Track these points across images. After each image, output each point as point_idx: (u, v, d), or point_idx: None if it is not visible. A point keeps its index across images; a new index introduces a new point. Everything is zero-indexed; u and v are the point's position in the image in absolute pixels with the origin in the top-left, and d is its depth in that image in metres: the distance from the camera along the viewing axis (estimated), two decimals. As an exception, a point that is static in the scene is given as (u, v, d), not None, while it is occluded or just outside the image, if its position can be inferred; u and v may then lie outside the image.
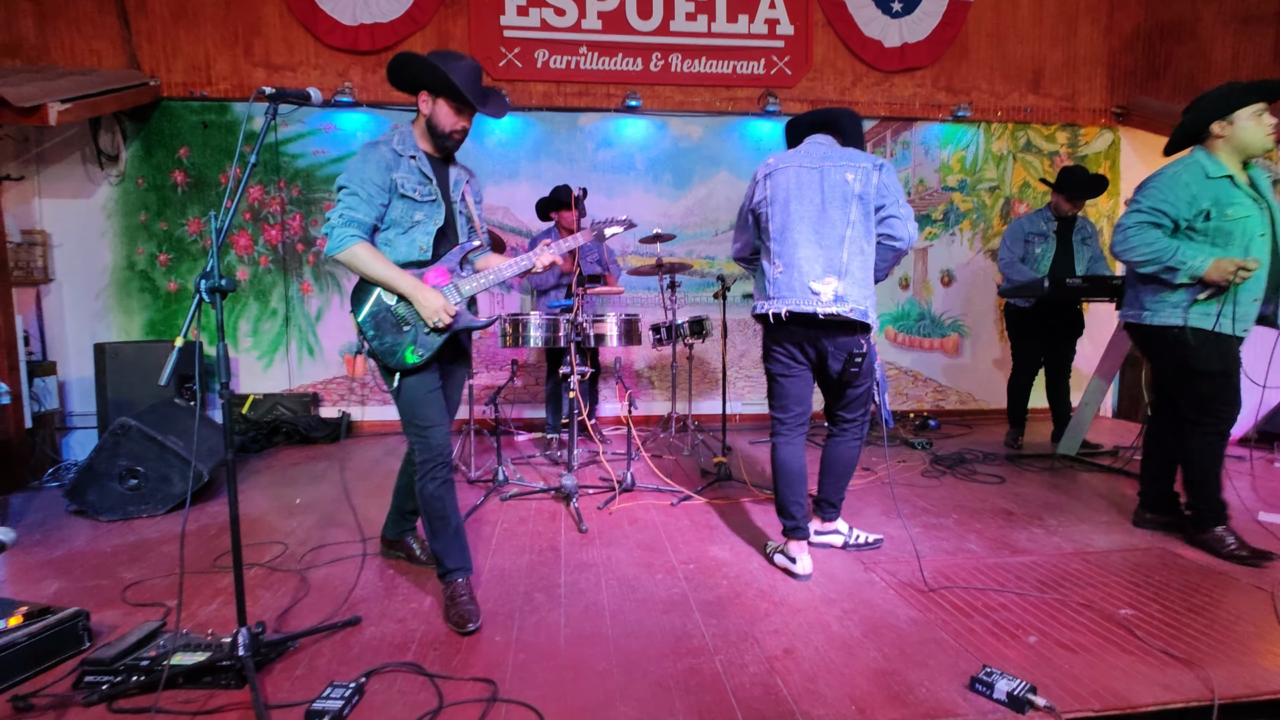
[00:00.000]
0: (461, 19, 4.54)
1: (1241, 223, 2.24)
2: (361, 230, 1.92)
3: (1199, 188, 2.30)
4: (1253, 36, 5.33)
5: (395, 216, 1.97)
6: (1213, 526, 2.46)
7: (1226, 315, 2.28)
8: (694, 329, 3.77)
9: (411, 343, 1.96)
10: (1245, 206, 2.24)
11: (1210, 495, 2.46)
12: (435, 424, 1.99)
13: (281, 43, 4.46)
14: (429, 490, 1.99)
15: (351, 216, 1.91)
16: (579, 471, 3.42)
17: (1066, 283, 3.53)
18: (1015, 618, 1.97)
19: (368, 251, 1.92)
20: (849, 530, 2.53)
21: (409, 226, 1.98)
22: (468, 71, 1.95)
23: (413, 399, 1.99)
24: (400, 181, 1.95)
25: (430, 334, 1.97)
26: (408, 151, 1.99)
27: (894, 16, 4.79)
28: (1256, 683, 1.63)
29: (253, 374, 4.65)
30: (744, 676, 1.68)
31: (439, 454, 1.99)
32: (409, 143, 2.01)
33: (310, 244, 4.63)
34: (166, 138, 4.45)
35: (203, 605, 2.11)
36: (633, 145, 4.81)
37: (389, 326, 1.97)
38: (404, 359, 1.96)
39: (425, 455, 1.98)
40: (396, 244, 1.98)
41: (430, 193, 2.00)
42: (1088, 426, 3.82)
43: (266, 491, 3.35)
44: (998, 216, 5.17)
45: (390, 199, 1.95)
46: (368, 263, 1.92)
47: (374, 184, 1.92)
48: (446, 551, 2.02)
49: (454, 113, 1.97)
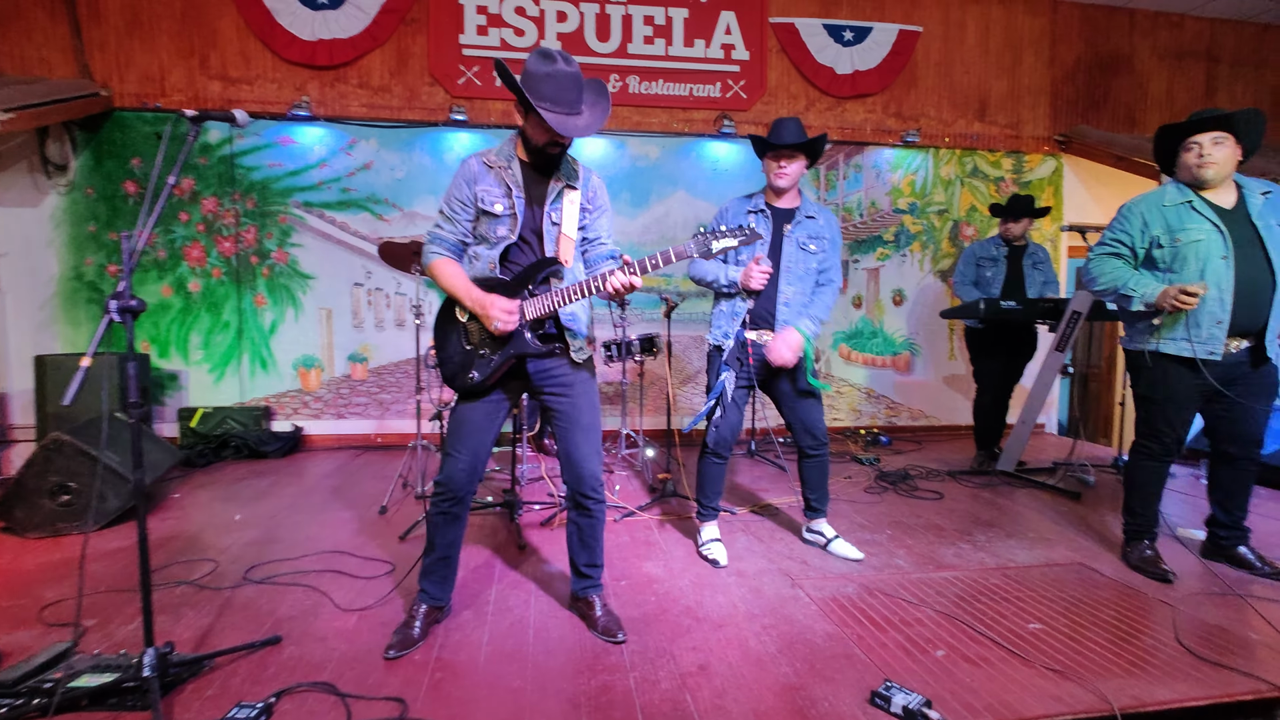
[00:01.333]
0: (421, 37, 4.59)
1: (1194, 246, 2.29)
2: (444, 247, 1.92)
3: (1151, 215, 2.39)
4: (1185, 70, 5.62)
5: (482, 231, 1.92)
6: (1134, 540, 2.57)
7: (1191, 339, 2.33)
8: (645, 346, 3.82)
9: (469, 363, 1.92)
10: (1199, 230, 2.29)
11: (1134, 510, 2.57)
12: (459, 454, 1.93)
13: (238, 56, 4.45)
14: (430, 513, 1.99)
15: (436, 234, 1.93)
16: (525, 488, 3.43)
17: (1001, 305, 3.67)
18: (928, 632, 2.03)
19: (446, 266, 1.90)
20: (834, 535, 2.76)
21: (495, 242, 1.90)
22: (560, 84, 1.76)
23: (455, 421, 1.96)
24: (482, 195, 1.88)
25: (489, 358, 1.90)
26: (501, 161, 1.91)
27: (845, 45, 4.95)
28: (1143, 694, 1.71)
29: (203, 387, 4.58)
30: (655, 693, 1.71)
31: (449, 483, 1.94)
32: (508, 150, 1.93)
33: (265, 256, 4.60)
34: (118, 148, 4.40)
35: (123, 624, 2.08)
36: (591, 163, 4.88)
37: (453, 342, 1.95)
38: (457, 378, 1.93)
39: (438, 478, 1.96)
40: (481, 260, 1.92)
41: (510, 205, 1.89)
42: (1025, 443, 3.94)
43: (207, 507, 3.31)
44: (946, 238, 5.33)
45: (476, 213, 1.91)
46: (441, 277, 1.90)
47: (457, 200, 1.90)
48: (425, 574, 2.02)
49: (542, 129, 1.80)
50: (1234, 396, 2.34)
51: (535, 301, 1.87)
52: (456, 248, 1.94)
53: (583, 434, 1.99)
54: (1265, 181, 2.39)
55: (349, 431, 4.74)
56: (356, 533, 2.92)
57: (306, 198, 4.62)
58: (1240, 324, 2.29)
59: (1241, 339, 2.33)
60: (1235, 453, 2.47)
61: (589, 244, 2.04)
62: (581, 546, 2.08)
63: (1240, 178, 2.38)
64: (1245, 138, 2.31)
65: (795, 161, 2.52)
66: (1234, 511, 2.54)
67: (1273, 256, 2.27)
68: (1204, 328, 2.30)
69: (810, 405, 2.61)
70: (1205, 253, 2.27)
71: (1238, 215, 2.31)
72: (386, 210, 4.69)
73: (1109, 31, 5.44)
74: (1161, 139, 2.46)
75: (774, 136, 2.51)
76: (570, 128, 1.79)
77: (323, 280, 4.67)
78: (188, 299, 4.54)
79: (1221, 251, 2.27)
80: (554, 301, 1.85)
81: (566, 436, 1.99)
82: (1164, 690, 1.72)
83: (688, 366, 5.09)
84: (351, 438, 4.73)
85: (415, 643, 1.91)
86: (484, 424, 1.96)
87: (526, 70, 1.79)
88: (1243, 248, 2.28)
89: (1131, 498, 2.57)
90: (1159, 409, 2.45)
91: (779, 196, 2.60)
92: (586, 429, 2.00)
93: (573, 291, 1.83)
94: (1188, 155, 2.34)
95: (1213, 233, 2.28)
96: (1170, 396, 2.41)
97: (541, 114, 1.75)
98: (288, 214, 4.60)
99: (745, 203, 2.63)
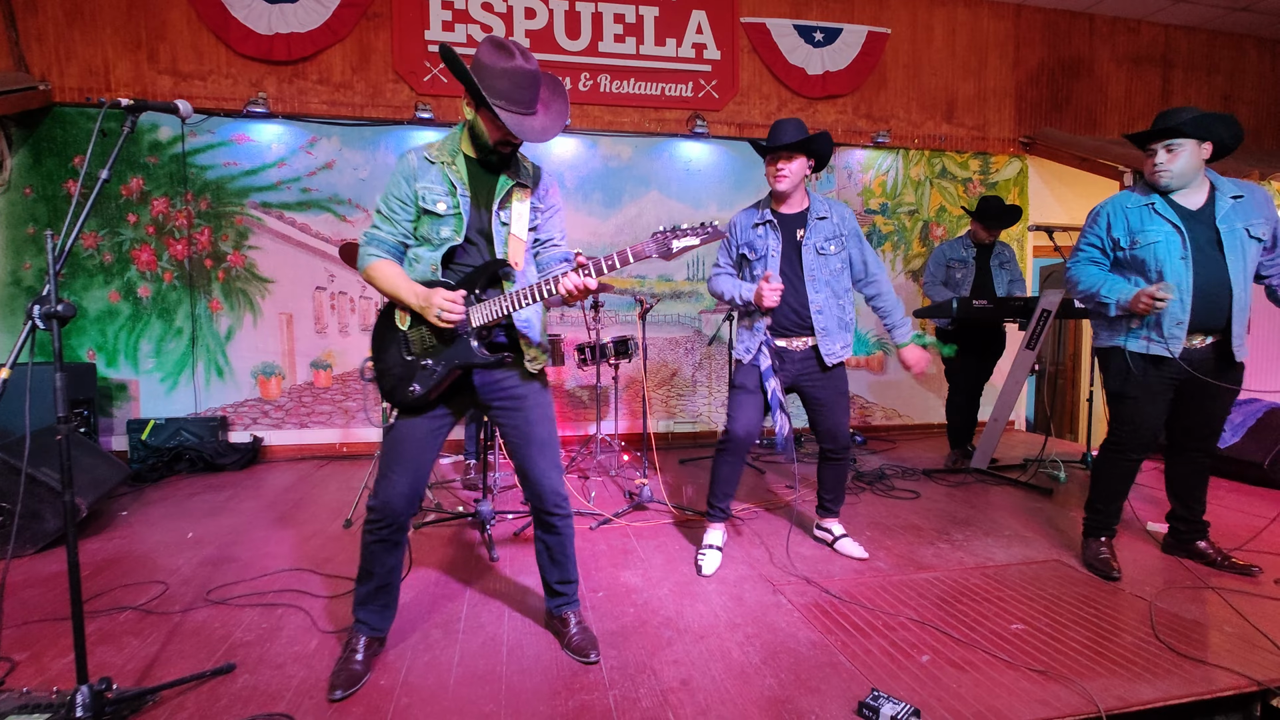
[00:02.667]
0: (384, 32, 4.45)
1: (1151, 248, 2.32)
2: (383, 248, 1.77)
3: (1116, 217, 2.42)
4: (1143, 75, 5.78)
5: (424, 232, 1.78)
6: (1092, 536, 2.59)
7: (1151, 339, 2.36)
8: (619, 349, 3.75)
9: (409, 375, 1.77)
10: (1157, 232, 2.32)
11: (1096, 506, 2.58)
12: (397, 476, 1.77)
13: (190, 50, 4.25)
14: (364, 540, 1.81)
15: (373, 235, 1.78)
16: (499, 497, 3.33)
17: (973, 304, 3.69)
18: (912, 636, 2.00)
19: (385, 268, 1.75)
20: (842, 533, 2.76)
21: (438, 244, 1.76)
22: (514, 82, 1.63)
23: (393, 439, 1.80)
24: (422, 193, 1.74)
25: (432, 369, 1.75)
26: (444, 156, 1.77)
27: (816, 45, 4.96)
28: (1128, 694, 1.70)
29: (155, 397, 4.35)
30: (635, 712, 1.63)
31: (385, 509, 1.77)
32: (451, 145, 1.79)
33: (220, 259, 4.40)
34: (59, 145, 4.16)
35: (58, 657, 1.92)
36: (562, 164, 4.79)
37: (391, 353, 1.80)
38: (396, 391, 1.78)
39: (371, 503, 1.80)
40: (422, 262, 1.78)
41: (455, 204, 1.75)
42: (997, 441, 3.97)
43: (157, 525, 3.12)
44: (917, 239, 5.38)
45: (417, 212, 1.77)
46: (380, 278, 1.75)
47: (396, 198, 1.76)
48: (362, 603, 1.85)
49: (493, 126, 1.69)
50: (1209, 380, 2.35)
51: (483, 307, 1.73)
52: (396, 249, 1.79)
53: (538, 449, 1.87)
54: (1243, 184, 2.40)
55: (312, 441, 4.55)
56: (320, 548, 2.78)
57: (264, 198, 4.43)
58: (1200, 323, 2.32)
59: (1206, 335, 2.36)
60: (1191, 446, 2.51)
61: (541, 245, 1.91)
62: (552, 564, 1.98)
63: (1216, 178, 2.39)
64: (1209, 137, 2.33)
65: (793, 162, 2.43)
66: (1192, 505, 2.58)
67: (1229, 260, 2.30)
68: (1165, 327, 2.33)
69: (838, 412, 2.59)
70: (1163, 254, 2.31)
71: (1203, 216, 2.34)
72: (350, 211, 4.52)
73: (1070, 36, 5.56)
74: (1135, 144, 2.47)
75: (770, 138, 2.46)
76: (527, 130, 1.66)
77: (282, 284, 4.48)
78: (137, 305, 4.31)
79: (1180, 253, 2.30)
80: (503, 307, 1.72)
81: (521, 453, 1.87)
82: (1148, 689, 1.71)
83: (663, 369, 5.03)
84: (315, 447, 4.55)
85: (362, 678, 1.75)
86: (425, 443, 1.80)
87: (480, 62, 1.66)
88: (1202, 249, 2.31)
89: (1096, 493, 2.59)
90: (1131, 405, 2.47)
91: (783, 202, 2.52)
92: (543, 444, 1.88)
93: (523, 295, 1.70)
94: (1148, 161, 2.39)
95: (1171, 234, 2.31)
96: (1142, 392, 2.43)
97: (497, 113, 1.63)
98: (244, 215, 4.41)
99: (752, 214, 2.57)
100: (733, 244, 2.60)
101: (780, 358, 2.52)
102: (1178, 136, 2.30)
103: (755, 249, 2.54)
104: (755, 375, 2.52)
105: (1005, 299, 3.81)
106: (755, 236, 2.54)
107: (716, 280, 2.63)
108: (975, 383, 4.18)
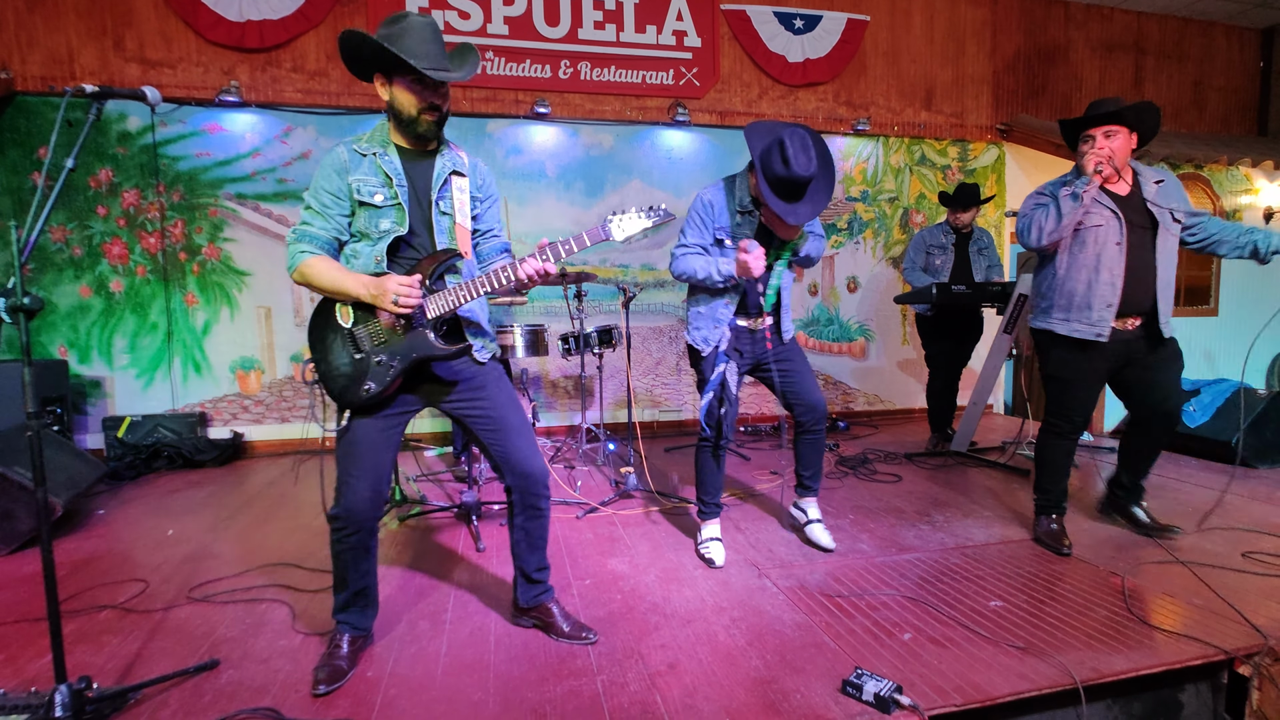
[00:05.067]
0: (360, 18, 4.36)
1: (1094, 231, 2.40)
2: (316, 245, 1.70)
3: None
4: (1116, 62, 5.86)
5: (361, 226, 1.72)
6: (1040, 515, 2.66)
7: (1080, 320, 2.44)
8: (603, 339, 3.74)
9: (362, 374, 1.70)
10: (1099, 216, 2.40)
11: (1044, 487, 2.65)
12: (357, 480, 1.71)
13: (158, 36, 4.13)
14: (333, 547, 1.77)
15: (304, 231, 1.70)
16: (484, 487, 3.32)
17: (952, 289, 3.73)
18: (894, 616, 2.04)
19: (320, 263, 1.68)
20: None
21: (378, 237, 1.71)
22: (420, 35, 1.62)
23: (348, 443, 1.73)
24: (357, 185, 1.69)
25: (387, 365, 1.69)
26: (374, 148, 1.72)
27: (796, 33, 4.95)
28: (1102, 666, 1.74)
29: (130, 394, 4.27)
30: (624, 696, 1.65)
31: (350, 515, 1.72)
32: (381, 136, 1.75)
33: (195, 252, 4.31)
34: (22, 136, 4.03)
35: (35, 657, 1.89)
36: (543, 152, 4.75)
37: (336, 352, 1.72)
38: (348, 392, 1.70)
39: (334, 510, 1.74)
40: (361, 257, 1.72)
41: (393, 195, 1.71)
42: (976, 424, 4.04)
43: (136, 523, 3.07)
44: (897, 226, 5.42)
45: (352, 207, 1.71)
46: (318, 275, 1.67)
47: (327, 192, 1.69)
48: (342, 609, 1.83)
49: (413, 93, 1.66)
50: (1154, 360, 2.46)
51: (438, 297, 1.69)
52: (330, 245, 1.72)
53: (515, 433, 1.84)
54: (1160, 170, 2.53)
55: (294, 436, 4.50)
56: (303, 543, 2.75)
57: (239, 189, 4.34)
58: (1130, 305, 2.41)
59: (1135, 318, 2.45)
60: (1154, 422, 2.58)
61: (481, 236, 1.90)
62: (530, 550, 1.94)
63: (1137, 165, 2.49)
64: (1139, 127, 2.40)
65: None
66: (1137, 475, 2.70)
67: (1158, 242, 2.41)
68: (1094, 310, 2.41)
69: (809, 377, 2.56)
70: (1103, 237, 2.39)
71: (1132, 201, 2.43)
72: (327, 202, 4.44)
73: (1046, 23, 5.61)
74: (1065, 131, 2.52)
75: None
76: (445, 77, 1.64)
77: (259, 277, 4.40)
78: (110, 299, 4.21)
79: (1116, 237, 2.38)
80: (460, 296, 1.69)
81: (499, 440, 1.83)
82: (1121, 660, 1.77)
83: (647, 358, 5.03)
84: (296, 442, 4.49)
85: (346, 673, 1.73)
86: (382, 442, 1.75)
87: (377, 35, 1.63)
88: (1135, 231, 2.40)
89: (1041, 475, 2.66)
90: (1064, 386, 2.54)
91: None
92: (518, 428, 1.85)
93: (480, 284, 1.68)
94: (1084, 146, 2.43)
95: (1111, 219, 2.39)
96: (1075, 375, 2.51)
97: (416, 68, 1.58)
98: (219, 207, 4.32)
99: (728, 198, 2.41)
100: (709, 223, 2.42)
101: (743, 338, 2.48)
102: (1118, 124, 2.37)
103: (732, 237, 2.44)
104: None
105: (983, 284, 3.86)
106: (733, 223, 2.43)
107: (685, 260, 2.41)
108: (954, 368, 4.24)
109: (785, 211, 2.16)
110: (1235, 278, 5.19)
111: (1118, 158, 2.35)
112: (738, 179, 2.44)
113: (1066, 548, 2.49)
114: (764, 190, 2.20)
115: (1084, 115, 2.42)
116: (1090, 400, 2.53)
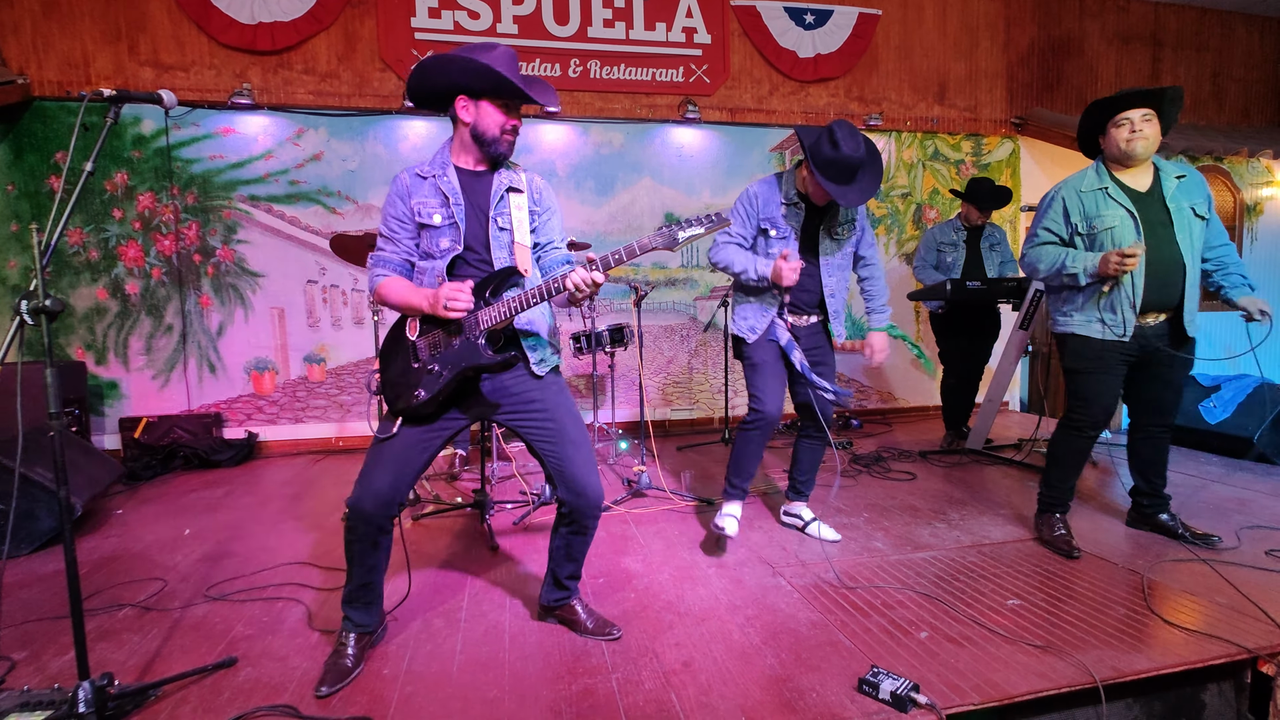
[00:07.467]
0: (370, 19, 4.38)
1: (1108, 233, 2.35)
2: (389, 268, 1.80)
3: (1071, 203, 2.45)
4: (1132, 54, 5.77)
5: (425, 247, 1.79)
6: (1047, 512, 2.61)
7: (1103, 320, 2.40)
8: (614, 337, 3.74)
9: (415, 381, 1.75)
10: (1112, 216, 2.35)
11: (1051, 483, 2.60)
12: (372, 474, 1.74)
13: (171, 40, 4.18)
14: (345, 535, 1.79)
15: (379, 257, 1.81)
16: (497, 487, 3.33)
17: (966, 285, 3.70)
18: (911, 614, 2.02)
19: (394, 283, 1.77)
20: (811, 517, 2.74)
21: (439, 256, 1.77)
22: (507, 60, 1.72)
23: (386, 444, 1.77)
24: (418, 208, 1.76)
25: (439, 373, 1.73)
26: (435, 170, 1.79)
27: (807, 28, 4.92)
28: (1122, 665, 1.72)
29: (146, 395, 4.32)
30: (639, 694, 1.64)
31: (354, 506, 1.74)
32: (441, 159, 1.82)
33: (209, 254, 4.35)
34: (40, 140, 4.09)
35: (58, 655, 1.91)
36: (554, 152, 4.75)
37: (397, 362, 1.79)
38: (400, 398, 1.76)
39: (351, 500, 1.75)
40: (426, 275, 1.79)
41: (450, 215, 1.76)
42: (992, 422, 4.00)
43: (154, 523, 3.11)
44: (910, 222, 5.38)
45: (416, 229, 1.79)
46: (390, 294, 1.77)
47: (393, 218, 1.79)
48: (348, 600, 1.84)
49: (502, 112, 1.75)
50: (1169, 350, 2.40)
51: (490, 310, 1.71)
52: (403, 267, 1.81)
53: (574, 448, 1.83)
54: (1181, 165, 2.47)
55: (308, 436, 4.54)
56: (319, 542, 2.78)
57: (252, 191, 4.37)
58: (1153, 303, 2.36)
59: (1159, 314, 2.40)
60: (1151, 422, 2.55)
61: (541, 249, 1.91)
62: (568, 560, 1.95)
63: (1158, 160, 2.44)
64: (1165, 116, 2.36)
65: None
66: (1154, 480, 2.63)
67: (1180, 239, 2.34)
68: (1117, 311, 2.37)
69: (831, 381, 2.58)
70: (1119, 237, 2.34)
71: (1152, 197, 2.38)
72: (339, 203, 4.48)
73: (1060, 15, 5.54)
74: (1090, 116, 2.45)
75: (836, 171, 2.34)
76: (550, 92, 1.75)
77: (273, 278, 4.44)
78: (125, 302, 4.27)
79: (1133, 235, 2.33)
80: (510, 308, 1.69)
81: (556, 451, 1.82)
82: (1142, 659, 1.74)
83: (659, 356, 5.03)
84: (310, 442, 4.53)
85: (350, 673, 1.74)
86: (416, 448, 1.77)
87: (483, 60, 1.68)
88: (1154, 229, 2.34)
89: (1051, 470, 2.61)
90: (1085, 380, 2.49)
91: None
92: (577, 443, 1.83)
93: (530, 296, 1.67)
94: (1118, 131, 2.36)
95: (1125, 218, 2.34)
96: (1095, 368, 2.46)
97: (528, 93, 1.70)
98: (232, 209, 4.36)
99: (775, 190, 2.48)
100: (753, 215, 2.49)
101: (792, 334, 2.53)
102: (1156, 106, 2.33)
103: (778, 226, 2.46)
104: (773, 351, 2.50)
105: (998, 280, 3.82)
106: (779, 214, 2.47)
107: (724, 249, 2.49)
108: (970, 365, 4.19)
109: (838, 194, 2.25)
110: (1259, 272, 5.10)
111: (1152, 145, 2.33)
112: (784, 175, 2.52)
113: (1077, 552, 2.44)
114: (816, 175, 2.28)
115: (1118, 95, 2.36)
116: (1112, 395, 2.48)
